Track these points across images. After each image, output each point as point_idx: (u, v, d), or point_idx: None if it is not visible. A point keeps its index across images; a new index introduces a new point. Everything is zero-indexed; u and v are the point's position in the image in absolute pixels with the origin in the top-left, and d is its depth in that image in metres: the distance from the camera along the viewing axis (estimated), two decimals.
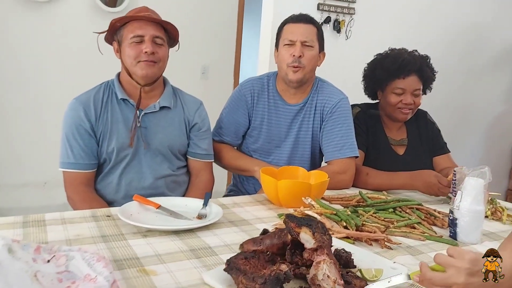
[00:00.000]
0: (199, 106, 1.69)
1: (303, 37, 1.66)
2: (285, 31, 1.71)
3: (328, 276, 0.84)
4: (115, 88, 1.58)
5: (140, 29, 1.51)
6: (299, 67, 1.66)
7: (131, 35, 1.51)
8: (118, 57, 1.59)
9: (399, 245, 1.14)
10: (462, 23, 3.40)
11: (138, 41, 1.51)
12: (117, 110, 1.56)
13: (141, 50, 1.51)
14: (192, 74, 3.82)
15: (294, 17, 1.73)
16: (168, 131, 1.60)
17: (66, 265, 0.86)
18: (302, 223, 0.91)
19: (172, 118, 1.62)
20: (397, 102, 1.85)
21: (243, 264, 0.86)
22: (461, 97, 3.60)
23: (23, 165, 3.26)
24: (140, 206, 1.28)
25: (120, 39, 1.55)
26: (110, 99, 1.57)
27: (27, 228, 1.11)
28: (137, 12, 1.55)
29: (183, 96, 1.69)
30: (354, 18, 2.98)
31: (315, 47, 1.69)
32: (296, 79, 1.68)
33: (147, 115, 1.58)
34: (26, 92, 3.20)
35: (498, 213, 1.45)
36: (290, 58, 1.66)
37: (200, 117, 1.67)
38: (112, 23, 1.54)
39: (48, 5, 3.19)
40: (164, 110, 1.61)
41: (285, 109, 1.77)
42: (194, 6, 3.68)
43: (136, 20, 1.52)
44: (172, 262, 0.98)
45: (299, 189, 1.37)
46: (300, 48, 1.65)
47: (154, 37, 1.53)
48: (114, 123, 1.55)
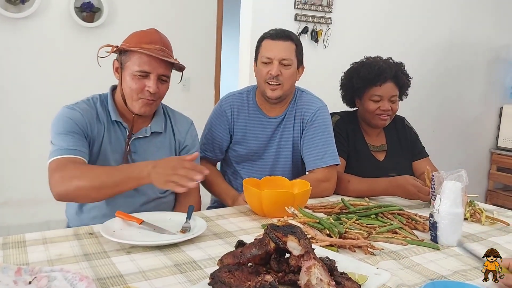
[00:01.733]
0: (189, 126, 1.66)
1: (281, 55, 1.65)
2: (263, 47, 1.70)
3: (321, 280, 0.85)
4: (108, 107, 1.52)
5: (149, 65, 1.43)
6: (278, 85, 1.67)
7: (138, 68, 1.43)
8: (116, 77, 1.51)
9: (382, 251, 1.16)
10: (435, 29, 3.49)
11: (143, 75, 1.44)
12: (110, 130, 1.50)
13: (144, 86, 1.45)
14: (173, 86, 3.81)
15: (273, 33, 1.70)
16: (158, 155, 1.52)
17: (48, 286, 0.85)
18: (287, 231, 0.93)
19: (162, 142, 1.58)
20: (375, 109, 1.89)
21: (227, 277, 0.87)
22: (438, 101, 3.68)
23: (3, 183, 3.20)
24: (123, 222, 1.27)
25: (124, 63, 1.46)
26: (105, 117, 1.50)
27: (6, 250, 1.09)
28: (150, 42, 1.44)
29: (174, 116, 1.65)
30: (331, 27, 3.03)
31: (293, 65, 1.69)
32: (274, 97, 1.70)
33: (138, 139, 1.53)
34: (5, 109, 3.16)
35: (477, 214, 1.48)
36: (268, 75, 1.66)
37: (191, 138, 1.64)
38: (122, 48, 1.45)
39: (25, 21, 3.16)
40: (154, 134, 1.56)
41: (266, 122, 1.78)
42: (174, 19, 3.70)
43: (143, 54, 1.42)
44: (156, 278, 0.97)
45: (283, 199, 1.38)
46: (278, 67, 1.65)
47: (160, 75, 1.46)
48: (104, 143, 1.48)
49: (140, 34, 1.47)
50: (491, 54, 3.87)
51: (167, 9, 3.67)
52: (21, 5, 3.10)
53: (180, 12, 3.74)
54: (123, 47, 1.45)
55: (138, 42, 1.44)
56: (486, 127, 4.06)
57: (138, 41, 1.44)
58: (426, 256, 1.15)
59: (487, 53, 3.84)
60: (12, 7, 3.08)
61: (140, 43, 1.43)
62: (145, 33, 1.48)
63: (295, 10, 2.90)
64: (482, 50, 3.80)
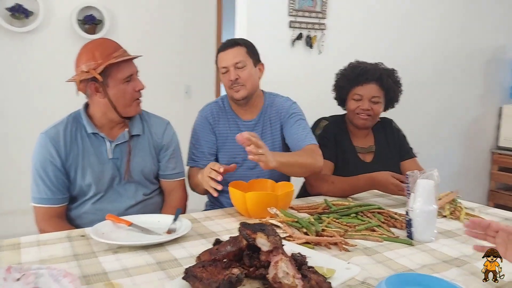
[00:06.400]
0: (166, 126, 1.73)
1: (233, 61, 1.76)
2: (219, 60, 1.81)
3: (287, 273, 0.91)
4: (83, 121, 1.59)
5: (129, 68, 1.56)
6: (241, 86, 1.77)
7: (123, 76, 1.54)
8: (100, 97, 1.55)
9: (356, 247, 1.21)
10: (431, 32, 3.53)
11: (129, 80, 1.56)
12: (87, 144, 1.58)
13: (133, 88, 1.57)
14: (176, 94, 3.92)
15: (222, 45, 1.83)
16: (140, 158, 1.64)
17: (35, 282, 0.92)
18: (257, 229, 0.99)
19: (142, 144, 1.66)
20: (355, 108, 1.96)
21: (200, 272, 0.93)
22: (437, 103, 3.71)
23: (6, 192, 3.31)
24: (113, 225, 1.35)
25: (105, 80, 1.52)
26: (80, 133, 1.59)
27: (1, 252, 1.16)
28: (114, 50, 1.54)
29: (150, 119, 1.72)
30: (326, 33, 3.09)
31: (248, 65, 1.79)
32: (240, 97, 1.79)
33: (118, 145, 1.61)
34: (11, 119, 3.27)
35: (457, 212, 1.52)
36: (229, 82, 1.78)
37: (167, 138, 1.71)
38: (92, 69, 1.50)
39: (30, 35, 3.28)
40: (133, 137, 1.64)
41: (242, 125, 1.87)
42: (174, 30, 3.80)
43: (120, 61, 1.52)
44: (138, 275, 1.03)
45: (266, 200, 1.44)
46: (234, 72, 1.76)
47: (136, 73, 1.60)
48: (86, 157, 1.57)
49: (99, 49, 1.52)
50: (489, 54, 3.89)
51: (166, 20, 3.77)
52: (25, 19, 3.21)
53: (179, 22, 3.84)
54: (96, 70, 1.49)
55: (105, 56, 1.50)
56: (486, 128, 4.07)
57: (104, 56, 1.50)
58: (399, 252, 1.20)
59: (485, 53, 3.87)
60: (17, 22, 3.20)
61: (107, 56, 1.50)
62: (102, 46, 1.54)
63: (289, 17, 2.98)
64: (479, 51, 3.83)
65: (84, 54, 1.52)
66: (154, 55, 3.65)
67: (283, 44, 2.99)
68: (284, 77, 2.96)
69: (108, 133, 1.62)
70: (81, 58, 1.52)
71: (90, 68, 1.49)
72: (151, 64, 3.66)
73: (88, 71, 1.49)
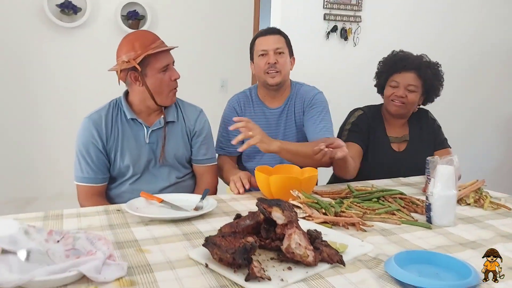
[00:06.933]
0: (198, 114, 1.83)
1: (275, 45, 1.86)
2: (258, 44, 1.90)
3: (300, 244, 0.98)
4: (123, 108, 1.71)
5: (166, 58, 1.66)
6: (276, 72, 1.85)
7: (161, 65, 1.64)
8: (138, 85, 1.66)
9: (373, 228, 1.25)
10: (472, 25, 3.44)
11: (165, 69, 1.67)
12: (127, 129, 1.70)
13: (169, 78, 1.68)
14: (212, 87, 4.03)
15: (263, 31, 1.93)
16: (174, 143, 1.75)
17: (73, 244, 1.03)
18: (273, 203, 1.05)
19: (176, 130, 1.76)
20: (390, 94, 1.98)
21: (219, 240, 1.00)
22: (474, 100, 3.61)
23: (60, 177, 3.53)
24: (146, 201, 1.45)
25: (143, 70, 1.62)
26: (120, 118, 1.71)
27: (46, 221, 1.29)
28: (152, 41, 1.63)
29: (184, 107, 1.82)
30: (361, 25, 3.09)
31: (286, 53, 1.88)
32: (275, 83, 1.87)
33: (154, 131, 1.72)
34: (60, 111, 3.49)
35: (482, 200, 1.52)
36: (266, 65, 1.85)
37: (200, 125, 1.80)
38: (132, 59, 1.60)
39: (78, 30, 3.48)
40: (168, 124, 1.75)
41: (269, 113, 1.96)
42: (212, 23, 3.90)
43: (158, 52, 1.62)
44: (166, 243, 1.13)
45: (290, 183, 1.49)
46: (274, 56, 1.85)
47: (173, 63, 1.71)
48: (125, 141, 1.69)
49: (139, 40, 1.62)
50: None
51: (205, 14, 3.88)
52: (73, 15, 3.41)
53: (218, 16, 3.94)
54: (135, 60, 1.59)
55: (144, 47, 1.61)
56: None
57: (143, 46, 1.61)
58: (416, 234, 1.23)
59: None
60: (66, 17, 3.40)
61: (146, 47, 1.61)
62: (141, 37, 1.64)
63: (324, 10, 3.00)
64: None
65: (125, 45, 1.64)
66: (191, 49, 3.77)
67: (317, 36, 3.02)
68: (318, 69, 3.00)
69: (146, 119, 1.73)
70: (121, 49, 1.64)
71: (130, 58, 1.60)
72: (189, 58, 3.78)
73: (128, 61, 1.60)
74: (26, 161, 3.48)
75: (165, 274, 0.95)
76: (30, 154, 3.48)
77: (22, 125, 3.44)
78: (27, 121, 3.45)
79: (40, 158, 3.49)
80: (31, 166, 3.50)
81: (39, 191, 3.48)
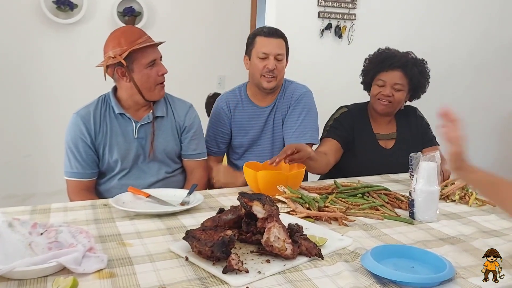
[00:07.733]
0: (188, 109, 1.83)
1: (276, 51, 1.85)
2: (258, 43, 1.87)
3: (279, 237, 1.00)
4: (111, 103, 1.72)
5: (153, 53, 1.66)
6: (273, 77, 1.85)
7: (147, 60, 1.64)
8: (126, 80, 1.67)
9: (355, 223, 1.27)
10: (465, 23, 3.44)
11: (152, 64, 1.67)
12: (115, 124, 1.71)
13: (156, 73, 1.68)
14: (209, 84, 4.04)
15: (266, 30, 1.89)
16: (163, 138, 1.76)
17: (55, 237, 1.05)
18: (253, 197, 1.07)
19: (165, 125, 1.77)
20: (377, 93, 1.98)
21: (199, 234, 1.02)
22: (473, 97, 3.60)
23: (56, 174, 3.55)
24: (133, 196, 1.47)
25: (130, 65, 1.63)
26: (108, 113, 1.72)
27: (34, 215, 1.31)
28: (139, 36, 1.64)
29: (174, 102, 1.83)
30: (355, 23, 3.10)
31: (284, 59, 1.89)
32: (270, 88, 1.89)
33: (142, 126, 1.73)
34: (54, 107, 3.50)
35: (467, 197, 1.53)
36: (264, 69, 1.85)
37: (189, 120, 1.81)
38: (118, 54, 1.61)
39: (74, 26, 3.49)
40: (157, 119, 1.76)
41: (259, 112, 1.97)
42: (210, 21, 3.91)
43: (144, 47, 1.63)
44: (148, 237, 1.14)
45: (277, 178, 1.51)
46: (274, 62, 1.84)
47: (160, 58, 1.71)
48: (114, 136, 1.70)
49: (124, 36, 1.63)
50: None
51: (203, 12, 3.89)
52: (70, 11, 3.42)
53: (215, 13, 3.94)
54: (121, 56, 1.60)
55: (130, 43, 1.61)
56: None
57: (129, 42, 1.61)
58: (397, 229, 1.24)
59: None
60: (62, 14, 3.41)
61: (132, 43, 1.62)
62: (127, 33, 1.65)
63: (319, 8, 3.00)
64: None
65: (111, 40, 1.65)
66: (188, 46, 3.78)
67: (312, 34, 3.02)
68: (312, 67, 3.00)
69: (134, 114, 1.74)
70: (108, 45, 1.65)
71: (116, 53, 1.61)
72: (185, 55, 3.80)
73: (115, 56, 1.62)
74: (23, 158, 3.50)
75: (145, 267, 0.96)
76: (26, 150, 3.49)
77: (19, 122, 3.46)
78: (24, 118, 3.47)
79: (37, 154, 3.51)
80: (28, 162, 3.51)
81: (36, 187, 3.49)
